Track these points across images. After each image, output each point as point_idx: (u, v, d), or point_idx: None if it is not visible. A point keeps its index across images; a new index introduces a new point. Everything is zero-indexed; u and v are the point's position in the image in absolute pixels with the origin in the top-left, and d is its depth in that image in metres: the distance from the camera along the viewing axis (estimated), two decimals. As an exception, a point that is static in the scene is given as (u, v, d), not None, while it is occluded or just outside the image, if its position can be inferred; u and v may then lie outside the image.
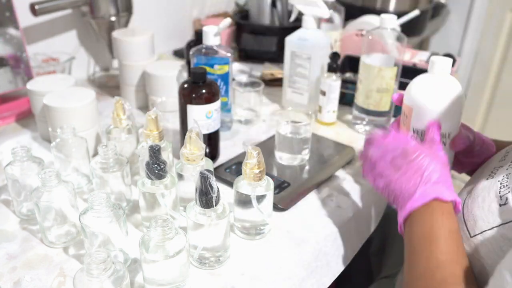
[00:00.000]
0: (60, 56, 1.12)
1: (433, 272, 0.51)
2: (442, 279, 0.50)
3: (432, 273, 0.51)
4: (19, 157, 0.67)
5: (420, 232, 0.55)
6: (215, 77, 0.90)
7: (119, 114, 0.79)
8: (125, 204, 0.74)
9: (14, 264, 0.62)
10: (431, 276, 0.51)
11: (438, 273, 0.51)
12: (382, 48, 0.95)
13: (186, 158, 0.68)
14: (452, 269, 0.51)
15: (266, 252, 0.67)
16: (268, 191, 0.66)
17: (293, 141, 0.84)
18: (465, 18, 2.06)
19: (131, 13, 1.19)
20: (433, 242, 0.53)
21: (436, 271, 0.51)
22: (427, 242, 0.54)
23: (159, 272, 0.56)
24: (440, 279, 0.50)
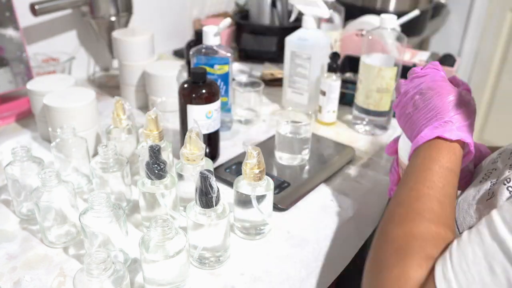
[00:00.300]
0: (60, 56, 1.12)
1: (412, 202, 0.51)
2: (419, 212, 0.49)
3: (411, 203, 0.51)
4: (19, 157, 0.67)
5: (412, 165, 0.55)
6: (215, 77, 0.90)
7: (119, 114, 0.79)
8: (125, 204, 0.74)
9: (14, 264, 0.62)
10: (410, 205, 0.51)
11: (416, 204, 0.50)
12: (382, 48, 0.95)
13: (186, 158, 0.68)
14: (431, 204, 0.50)
15: (266, 252, 0.67)
16: (268, 191, 0.66)
17: (293, 141, 0.84)
18: (465, 18, 2.06)
19: (131, 13, 1.19)
20: (420, 173, 0.53)
21: (415, 202, 0.50)
22: (415, 173, 0.54)
23: (159, 272, 0.56)
24: (417, 210, 0.50)
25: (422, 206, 0.50)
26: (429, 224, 0.48)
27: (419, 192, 0.51)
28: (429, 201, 0.50)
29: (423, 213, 0.49)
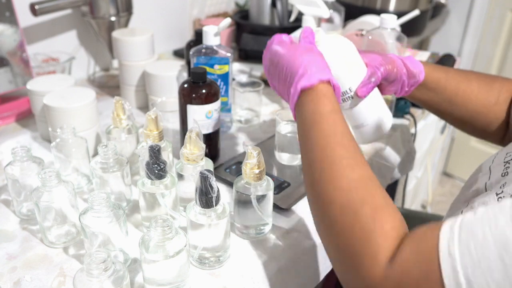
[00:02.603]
0: (60, 56, 1.12)
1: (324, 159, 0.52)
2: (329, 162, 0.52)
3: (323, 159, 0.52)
4: (19, 157, 0.67)
5: (299, 129, 0.58)
6: (215, 77, 0.90)
7: (119, 114, 0.79)
8: (125, 204, 0.74)
9: (14, 264, 0.62)
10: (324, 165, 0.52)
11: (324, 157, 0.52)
12: (382, 48, 0.95)
13: (186, 158, 0.68)
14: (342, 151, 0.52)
15: (266, 252, 0.66)
16: (268, 191, 0.66)
17: (293, 141, 0.84)
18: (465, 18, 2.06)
19: (131, 13, 1.19)
20: (311, 128, 0.55)
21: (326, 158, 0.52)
22: (307, 133, 0.56)
23: (159, 272, 0.56)
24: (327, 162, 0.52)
25: (332, 156, 0.52)
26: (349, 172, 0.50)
27: (320, 146, 0.53)
28: (335, 148, 0.52)
29: (337, 161, 0.51)
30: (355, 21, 1.37)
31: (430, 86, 0.75)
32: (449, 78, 0.75)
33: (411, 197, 1.61)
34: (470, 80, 0.75)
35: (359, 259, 0.46)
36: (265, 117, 1.07)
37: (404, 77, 0.73)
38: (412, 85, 0.74)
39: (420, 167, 1.59)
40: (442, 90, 0.75)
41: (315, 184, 0.53)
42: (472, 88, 0.75)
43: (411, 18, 1.03)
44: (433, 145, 1.64)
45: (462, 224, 0.42)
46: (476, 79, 0.75)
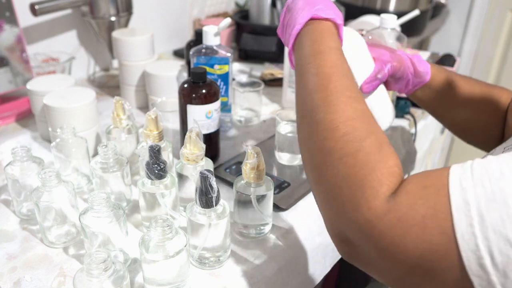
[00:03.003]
0: (60, 56, 1.12)
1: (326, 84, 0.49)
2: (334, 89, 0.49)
3: (325, 86, 0.49)
4: (19, 157, 0.67)
5: (301, 55, 0.55)
6: (215, 77, 0.90)
7: (119, 114, 0.79)
8: (125, 204, 0.74)
9: (14, 264, 0.62)
10: (325, 89, 0.49)
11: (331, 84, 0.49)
12: (382, 48, 0.95)
13: (186, 158, 0.68)
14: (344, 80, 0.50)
15: (266, 252, 0.66)
16: (268, 191, 0.66)
17: (293, 141, 0.84)
18: (465, 18, 2.06)
19: (131, 13, 1.19)
20: (315, 58, 0.52)
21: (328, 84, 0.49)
22: (310, 60, 0.53)
23: (159, 272, 0.56)
24: (335, 90, 0.49)
25: (338, 85, 0.49)
26: (353, 103, 0.47)
27: (325, 73, 0.50)
28: (341, 78, 0.50)
29: (343, 91, 0.48)
30: (355, 21, 1.37)
31: (434, 87, 0.75)
32: (454, 81, 0.75)
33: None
34: (473, 86, 0.75)
35: (359, 189, 0.41)
36: (265, 117, 1.07)
37: (410, 76, 0.73)
38: (416, 84, 0.74)
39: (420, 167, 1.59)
40: (445, 92, 0.75)
41: (316, 110, 0.48)
42: (475, 93, 0.74)
43: (411, 18, 1.03)
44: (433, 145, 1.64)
45: (474, 164, 0.38)
46: (479, 85, 0.75)
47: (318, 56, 0.52)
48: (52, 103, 0.81)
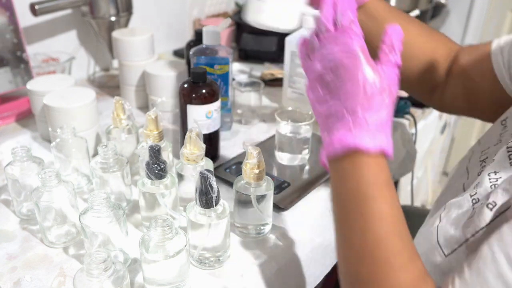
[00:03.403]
0: (60, 56, 1.12)
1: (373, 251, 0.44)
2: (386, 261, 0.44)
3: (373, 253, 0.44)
4: (19, 157, 0.67)
5: (342, 189, 0.48)
6: (215, 77, 0.90)
7: (119, 114, 0.79)
8: (125, 204, 0.74)
9: (14, 264, 0.62)
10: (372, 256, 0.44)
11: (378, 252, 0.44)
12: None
13: (186, 158, 0.68)
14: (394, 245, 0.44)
15: (266, 252, 0.66)
16: (268, 191, 0.66)
17: (293, 141, 0.84)
18: (465, 18, 2.06)
19: (131, 13, 1.19)
20: (360, 204, 0.46)
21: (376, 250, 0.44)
22: (354, 203, 0.46)
23: (159, 272, 0.56)
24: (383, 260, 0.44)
25: (386, 253, 0.44)
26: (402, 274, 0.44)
27: (374, 234, 0.44)
28: (390, 242, 0.44)
29: (391, 260, 0.44)
30: (355, 21, 1.37)
31: (369, 11, 0.69)
32: (392, 11, 0.70)
33: (411, 197, 1.61)
34: (412, 22, 0.71)
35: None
36: (265, 117, 1.07)
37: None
38: None
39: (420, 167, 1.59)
40: (381, 20, 0.69)
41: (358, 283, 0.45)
42: (412, 30, 0.71)
43: (411, 18, 1.03)
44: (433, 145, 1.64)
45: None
46: (419, 24, 0.72)
47: (363, 202, 0.45)
48: (52, 103, 0.81)
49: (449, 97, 0.73)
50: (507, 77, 0.65)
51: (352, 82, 0.46)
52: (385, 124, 0.46)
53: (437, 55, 0.72)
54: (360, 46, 0.47)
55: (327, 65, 0.48)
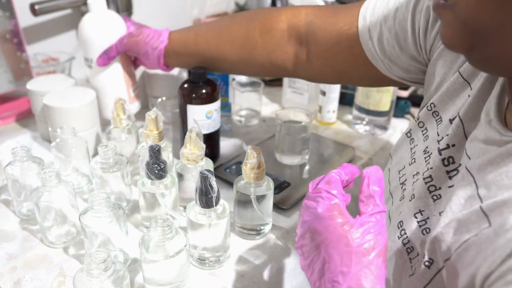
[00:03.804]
0: (60, 56, 1.12)
1: None
2: None
3: None
4: (19, 157, 0.67)
5: None
6: (215, 77, 0.90)
7: (119, 114, 0.79)
8: (125, 204, 0.74)
9: (14, 264, 0.62)
10: None
11: None
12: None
13: (186, 158, 0.68)
14: None
15: (266, 252, 0.66)
16: (268, 191, 0.66)
17: (293, 141, 0.84)
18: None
19: (131, 13, 1.19)
20: None
21: None
22: None
23: (159, 272, 0.56)
24: None
25: None
26: None
27: None
28: None
29: None
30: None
31: (180, 51, 0.75)
32: (198, 38, 0.74)
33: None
34: (221, 36, 0.74)
35: None
36: (265, 117, 1.07)
37: (149, 49, 0.76)
38: (159, 55, 0.76)
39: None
40: (194, 52, 0.75)
41: None
42: (224, 47, 0.74)
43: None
44: (433, 145, 1.64)
45: None
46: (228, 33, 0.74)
47: None
48: (52, 103, 0.81)
49: (316, 74, 0.72)
50: (381, 62, 0.63)
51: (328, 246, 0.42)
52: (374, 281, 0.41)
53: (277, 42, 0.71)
54: (327, 213, 0.43)
55: (305, 232, 0.45)
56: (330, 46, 0.66)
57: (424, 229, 0.49)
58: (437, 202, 0.50)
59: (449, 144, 0.50)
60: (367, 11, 0.62)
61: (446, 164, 0.50)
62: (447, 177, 0.49)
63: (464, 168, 0.46)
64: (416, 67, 0.61)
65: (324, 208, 0.43)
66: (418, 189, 0.52)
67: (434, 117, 0.55)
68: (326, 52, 0.67)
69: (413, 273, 0.49)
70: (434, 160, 0.51)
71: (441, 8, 0.41)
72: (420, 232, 0.49)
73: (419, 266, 0.47)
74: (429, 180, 0.51)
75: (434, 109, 0.55)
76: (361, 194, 0.45)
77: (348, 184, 0.48)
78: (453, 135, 0.50)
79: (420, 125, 0.58)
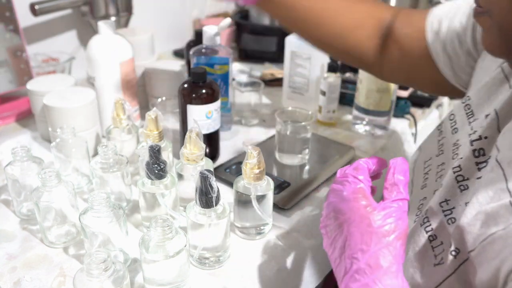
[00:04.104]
0: (60, 56, 1.12)
1: None
2: None
3: None
4: (19, 157, 0.67)
5: None
6: (215, 77, 0.90)
7: (119, 114, 0.79)
8: (125, 204, 0.74)
9: (14, 264, 0.62)
10: None
11: None
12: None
13: (186, 158, 0.68)
14: None
15: (266, 252, 0.66)
16: (268, 191, 0.66)
17: (293, 141, 0.84)
18: (465, 18, 2.06)
19: (131, 13, 1.19)
20: None
21: None
22: None
23: (159, 272, 0.56)
24: None
25: None
26: None
27: None
28: None
29: None
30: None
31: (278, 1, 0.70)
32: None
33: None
34: (327, 1, 0.72)
35: None
36: (265, 117, 1.07)
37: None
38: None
39: (420, 167, 1.59)
40: (292, 7, 0.71)
41: None
42: (329, 9, 0.71)
43: (411, 18, 1.03)
44: (433, 145, 1.64)
45: None
46: (336, 1, 0.72)
47: None
48: (52, 103, 0.81)
49: (387, 70, 0.73)
50: (446, 68, 0.64)
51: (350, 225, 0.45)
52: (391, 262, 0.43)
53: (365, 28, 0.71)
54: (352, 195, 0.46)
55: (330, 212, 0.48)
56: (408, 51, 0.68)
57: (449, 218, 0.49)
58: (464, 192, 0.50)
59: (482, 136, 0.50)
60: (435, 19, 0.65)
61: (477, 156, 0.50)
62: (476, 168, 0.50)
63: (494, 160, 0.46)
64: (472, 67, 0.62)
65: (350, 191, 0.46)
66: (445, 179, 0.52)
67: (466, 110, 0.56)
68: (404, 55, 0.69)
69: (438, 262, 0.49)
70: (464, 150, 0.52)
71: (479, 15, 0.43)
72: (446, 221, 0.49)
73: (446, 256, 0.47)
74: (457, 170, 0.51)
75: (468, 102, 0.56)
76: (386, 182, 0.47)
77: (376, 175, 0.50)
78: (486, 128, 0.50)
79: (451, 118, 0.58)
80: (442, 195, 0.51)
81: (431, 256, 0.50)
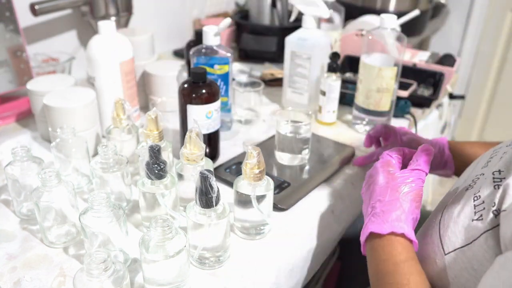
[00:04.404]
0: (60, 56, 1.12)
1: None
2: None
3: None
4: (19, 157, 0.67)
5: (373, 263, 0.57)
6: (215, 77, 0.90)
7: (119, 114, 0.79)
8: (125, 204, 0.74)
9: (14, 264, 0.62)
10: None
11: None
12: (382, 48, 0.95)
13: (186, 158, 0.68)
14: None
15: (266, 252, 0.66)
16: (268, 191, 0.66)
17: (293, 141, 0.84)
18: (465, 18, 2.06)
19: (131, 13, 1.19)
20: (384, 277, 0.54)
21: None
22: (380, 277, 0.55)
23: (159, 272, 0.56)
24: None
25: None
26: None
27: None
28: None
29: None
30: (355, 21, 1.37)
31: None
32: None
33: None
34: None
35: None
36: (265, 117, 1.07)
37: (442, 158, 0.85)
38: None
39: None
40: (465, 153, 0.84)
41: None
42: None
43: (411, 18, 1.03)
44: (433, 145, 1.64)
45: None
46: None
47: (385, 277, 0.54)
48: (52, 103, 0.81)
49: None
50: None
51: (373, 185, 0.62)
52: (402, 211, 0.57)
53: None
54: (381, 164, 0.63)
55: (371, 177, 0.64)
56: None
57: (496, 184, 0.52)
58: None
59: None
60: None
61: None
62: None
63: None
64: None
65: (381, 162, 0.64)
66: (507, 155, 0.55)
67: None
68: None
69: (478, 218, 0.51)
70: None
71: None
72: (492, 187, 0.52)
73: (487, 214, 0.50)
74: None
75: None
76: (412, 158, 0.63)
77: None
78: None
79: None
80: (497, 166, 0.54)
81: (471, 213, 0.52)
